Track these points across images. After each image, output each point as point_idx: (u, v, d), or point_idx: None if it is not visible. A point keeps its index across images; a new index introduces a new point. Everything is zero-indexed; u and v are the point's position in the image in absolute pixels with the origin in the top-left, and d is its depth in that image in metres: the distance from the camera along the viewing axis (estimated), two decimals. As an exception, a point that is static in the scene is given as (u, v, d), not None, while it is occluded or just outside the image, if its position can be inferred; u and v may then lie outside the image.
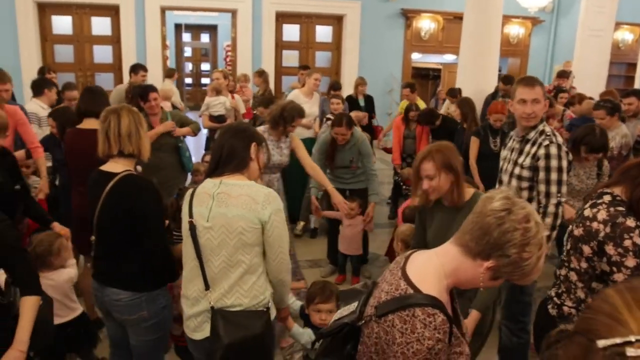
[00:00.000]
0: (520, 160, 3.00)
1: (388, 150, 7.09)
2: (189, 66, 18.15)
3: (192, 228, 2.14)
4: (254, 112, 7.21)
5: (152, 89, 4.60)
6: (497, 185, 3.27)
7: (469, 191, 2.49)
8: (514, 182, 3.03)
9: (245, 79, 7.92)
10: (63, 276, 2.95)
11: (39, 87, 5.28)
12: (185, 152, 4.85)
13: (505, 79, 7.03)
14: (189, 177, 5.13)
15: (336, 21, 10.97)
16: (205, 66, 18.12)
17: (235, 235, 2.08)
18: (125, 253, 2.38)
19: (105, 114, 2.45)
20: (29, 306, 2.13)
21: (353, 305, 1.53)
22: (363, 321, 1.43)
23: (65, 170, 3.98)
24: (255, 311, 2.14)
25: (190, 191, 2.25)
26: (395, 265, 1.49)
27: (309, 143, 5.35)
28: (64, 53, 9.93)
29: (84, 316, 3.09)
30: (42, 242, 2.88)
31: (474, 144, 5.13)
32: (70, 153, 3.56)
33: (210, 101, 6.41)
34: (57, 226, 3.14)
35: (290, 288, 2.39)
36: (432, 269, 1.40)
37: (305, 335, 2.58)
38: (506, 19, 9.99)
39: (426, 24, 11.07)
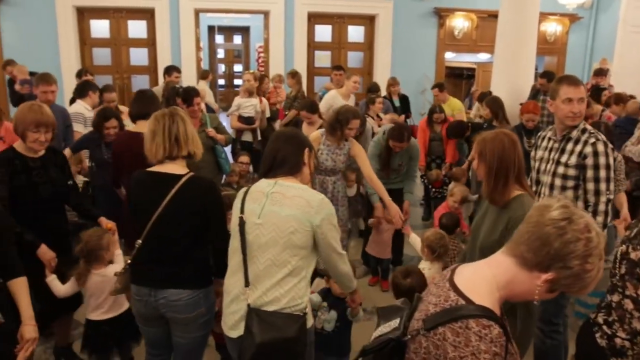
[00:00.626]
0: (563, 159, 2.96)
1: None
2: (221, 67, 18.36)
3: (242, 224, 2.19)
4: (286, 113, 7.26)
5: (196, 93, 4.66)
6: (533, 186, 3.20)
7: (513, 193, 2.30)
8: (558, 181, 2.99)
9: (279, 79, 7.97)
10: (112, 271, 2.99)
11: (83, 89, 5.41)
12: (221, 153, 4.90)
13: (546, 75, 6.82)
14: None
15: (368, 21, 10.92)
16: (237, 67, 18.30)
17: (285, 234, 2.12)
18: (188, 255, 2.41)
19: (169, 115, 2.48)
20: (22, 285, 2.33)
21: (395, 322, 1.47)
22: (409, 336, 1.37)
23: (105, 171, 4.06)
24: (291, 314, 2.13)
25: (244, 189, 2.31)
26: (441, 278, 1.43)
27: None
28: (102, 56, 10.16)
29: (130, 311, 3.10)
30: (91, 237, 2.96)
31: None
32: (122, 155, 3.60)
33: (242, 102, 6.46)
34: (103, 220, 3.22)
35: (352, 276, 2.45)
36: (483, 280, 1.33)
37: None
38: (543, 16, 9.74)
39: (460, 23, 10.91)
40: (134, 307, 2.58)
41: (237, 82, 17.73)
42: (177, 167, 2.45)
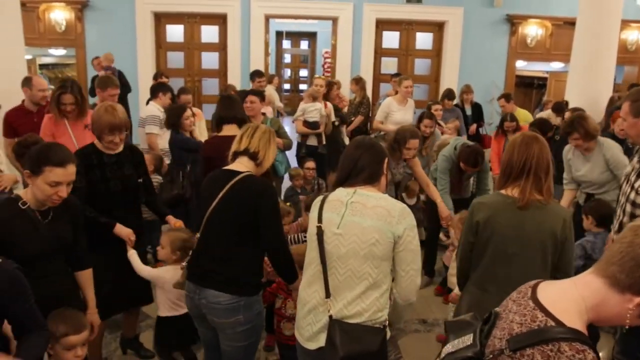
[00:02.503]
0: (637, 184, 2.67)
1: None
2: (287, 72, 18.64)
3: (320, 233, 2.15)
4: (351, 119, 7.29)
5: (251, 92, 4.79)
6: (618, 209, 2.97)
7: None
8: (628, 207, 2.72)
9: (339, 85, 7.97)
10: None
11: (155, 91, 5.61)
12: (277, 155, 4.97)
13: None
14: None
15: (437, 28, 10.78)
16: (303, 72, 18.52)
17: (367, 245, 2.07)
18: (232, 256, 2.41)
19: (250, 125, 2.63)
20: (89, 277, 2.51)
21: (468, 338, 1.41)
22: (490, 355, 1.31)
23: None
24: (372, 327, 2.09)
25: (320, 197, 2.27)
26: (520, 295, 1.37)
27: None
28: (175, 59, 10.58)
29: None
30: (179, 237, 3.03)
31: None
32: (212, 159, 3.54)
33: (307, 107, 6.47)
34: (171, 219, 3.31)
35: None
36: (572, 301, 1.26)
37: None
38: (624, 23, 9.28)
39: (533, 30, 10.56)
40: (186, 303, 2.64)
41: (302, 86, 17.95)
42: (240, 166, 2.49)
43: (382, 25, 10.61)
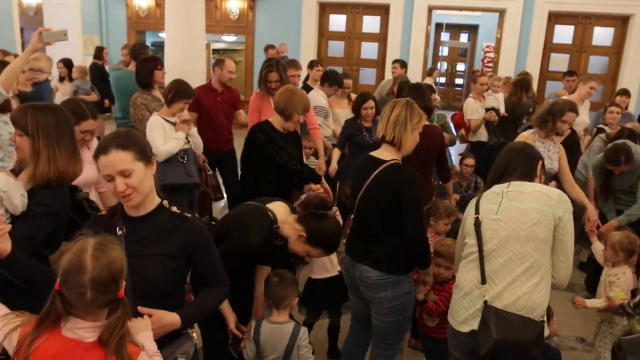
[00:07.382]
0: None
1: None
2: (443, 65, 18.15)
3: (477, 224, 2.19)
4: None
5: (431, 90, 4.81)
6: None
7: None
8: None
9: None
10: None
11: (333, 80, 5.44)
12: None
13: None
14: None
15: (620, 22, 9.72)
16: (460, 67, 17.89)
17: (528, 226, 2.06)
18: (381, 238, 2.52)
19: (395, 102, 2.63)
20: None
21: None
22: None
23: None
24: (529, 318, 2.03)
25: (477, 197, 2.32)
26: None
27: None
28: (336, 48, 10.89)
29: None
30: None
31: None
32: None
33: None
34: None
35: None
36: None
37: None
38: None
39: None
40: (343, 273, 2.84)
41: (458, 81, 17.40)
42: (387, 154, 2.56)
43: (555, 18, 9.86)
